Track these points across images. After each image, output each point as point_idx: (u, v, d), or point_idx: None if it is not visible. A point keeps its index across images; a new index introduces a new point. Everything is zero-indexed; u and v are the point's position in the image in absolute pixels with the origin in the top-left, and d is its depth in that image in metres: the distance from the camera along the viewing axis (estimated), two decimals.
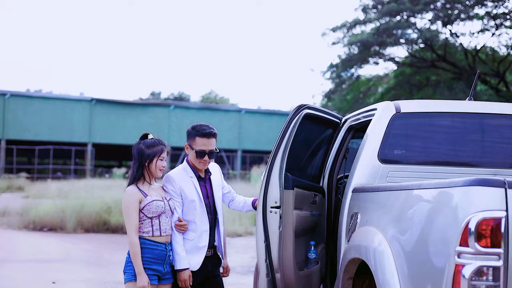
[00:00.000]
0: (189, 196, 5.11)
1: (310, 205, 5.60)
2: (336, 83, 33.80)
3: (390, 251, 3.92)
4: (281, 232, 5.14)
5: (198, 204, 5.13)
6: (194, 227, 5.10)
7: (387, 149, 4.92)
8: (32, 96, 46.70)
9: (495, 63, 29.55)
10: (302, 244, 5.47)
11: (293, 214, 5.20)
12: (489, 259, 3.18)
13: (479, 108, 5.12)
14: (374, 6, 29.72)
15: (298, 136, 5.38)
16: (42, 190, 28.36)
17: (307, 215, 5.50)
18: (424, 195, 3.71)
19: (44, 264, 11.60)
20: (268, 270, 5.17)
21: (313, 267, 5.54)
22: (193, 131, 5.16)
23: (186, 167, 5.24)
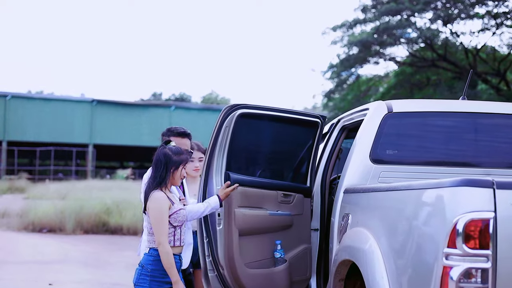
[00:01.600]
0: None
1: (278, 204, 5.62)
2: (337, 83, 33.76)
3: (380, 252, 3.88)
4: (221, 230, 5.26)
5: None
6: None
7: (379, 149, 4.87)
8: (33, 97, 46.73)
9: (495, 62, 29.47)
10: (264, 243, 5.52)
11: (235, 212, 5.29)
12: (477, 260, 3.13)
13: (472, 108, 5.07)
14: (373, 6, 29.65)
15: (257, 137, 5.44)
16: (43, 191, 28.32)
17: (265, 214, 5.51)
18: (413, 196, 3.67)
19: (42, 265, 11.56)
20: (212, 266, 5.30)
21: (279, 266, 5.55)
22: (168, 132, 5.21)
23: None
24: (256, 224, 5.49)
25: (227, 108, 5.43)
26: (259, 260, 5.53)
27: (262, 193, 5.53)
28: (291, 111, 5.80)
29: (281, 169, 5.91)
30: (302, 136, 5.89)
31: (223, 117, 5.37)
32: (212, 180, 5.35)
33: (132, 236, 16.82)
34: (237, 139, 5.45)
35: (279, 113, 5.70)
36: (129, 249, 14.22)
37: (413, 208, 3.61)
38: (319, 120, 5.87)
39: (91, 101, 45.84)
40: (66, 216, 17.46)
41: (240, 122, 5.42)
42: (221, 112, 5.39)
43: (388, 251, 3.80)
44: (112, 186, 27.67)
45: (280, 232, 5.67)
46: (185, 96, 78.63)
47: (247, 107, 5.51)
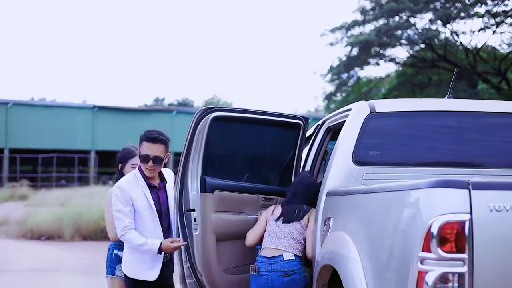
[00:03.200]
0: (138, 205, 5.03)
1: (259, 208, 5.54)
2: (337, 85, 33.67)
3: (359, 257, 3.77)
4: (198, 235, 5.21)
5: (149, 213, 5.06)
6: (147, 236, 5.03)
7: (362, 151, 4.74)
8: (34, 104, 46.72)
9: (496, 62, 29.33)
10: (241, 248, 5.44)
11: (212, 218, 5.25)
12: (453, 265, 3.02)
13: (457, 106, 4.94)
14: (372, 8, 29.57)
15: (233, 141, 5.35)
16: (44, 198, 28.26)
17: (244, 218, 5.45)
18: (389, 198, 3.56)
19: (38, 273, 11.50)
20: (190, 272, 5.24)
21: None
22: (142, 136, 5.13)
23: (137, 174, 5.16)
24: (235, 229, 5.41)
25: (200, 112, 5.36)
26: (239, 265, 5.44)
27: (241, 197, 5.46)
28: (270, 113, 5.70)
29: (262, 173, 5.79)
30: (284, 138, 5.77)
31: (196, 121, 5.31)
32: (188, 185, 5.26)
33: None
34: (213, 143, 5.38)
35: (256, 115, 5.60)
36: None
37: (390, 211, 3.50)
38: (301, 122, 5.75)
39: (93, 107, 45.78)
40: (65, 223, 17.39)
41: (215, 126, 5.34)
42: (194, 116, 5.34)
43: (367, 256, 3.69)
44: None
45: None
46: (188, 101, 78.61)
47: (221, 110, 5.46)
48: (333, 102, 35.26)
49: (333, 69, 32.48)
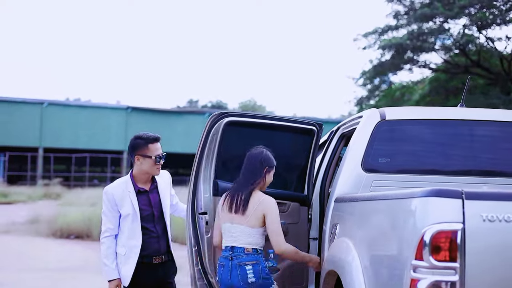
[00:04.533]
0: (123, 211, 5.11)
1: None
2: (369, 90, 33.55)
3: (360, 264, 3.80)
4: (209, 238, 5.26)
5: (132, 218, 5.12)
6: (124, 242, 5.11)
7: (371, 158, 4.76)
8: (69, 104, 47.33)
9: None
10: None
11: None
12: (445, 273, 3.03)
13: (468, 115, 4.92)
14: (406, 13, 29.41)
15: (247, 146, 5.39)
16: (76, 198, 28.60)
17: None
18: (387, 206, 3.58)
19: (59, 272, 11.66)
20: (201, 275, 5.31)
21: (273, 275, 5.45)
22: (142, 140, 5.16)
23: (128, 180, 5.23)
24: None
25: (214, 116, 5.41)
26: None
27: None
28: (283, 119, 5.73)
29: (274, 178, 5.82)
30: (297, 144, 5.80)
31: (210, 125, 5.36)
32: (200, 189, 5.33)
33: None
34: (226, 147, 5.42)
35: (269, 120, 5.64)
36: None
37: (388, 218, 3.53)
38: (315, 128, 5.78)
39: (126, 108, 46.24)
40: (94, 222, 17.55)
41: (228, 130, 5.39)
42: (208, 120, 5.38)
43: (367, 262, 3.72)
44: None
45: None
46: (222, 104, 78.97)
47: (234, 115, 5.50)
48: (366, 107, 35.11)
49: (365, 73, 32.35)
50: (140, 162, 5.17)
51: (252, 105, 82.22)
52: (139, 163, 5.17)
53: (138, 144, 5.16)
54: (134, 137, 5.23)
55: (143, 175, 5.21)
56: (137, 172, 5.22)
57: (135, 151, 5.17)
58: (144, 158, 5.15)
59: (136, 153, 5.16)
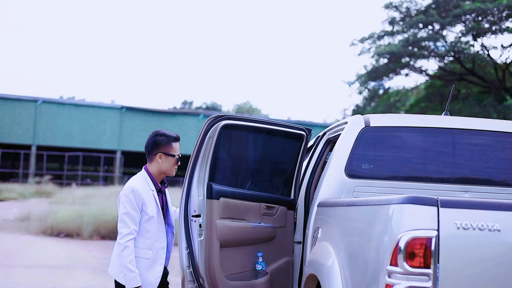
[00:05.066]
0: (149, 211, 4.89)
1: (261, 217, 5.59)
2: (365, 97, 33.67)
3: (339, 268, 3.84)
4: (203, 241, 5.23)
5: (157, 220, 4.95)
6: (150, 244, 4.91)
7: (355, 164, 4.81)
8: (63, 103, 47.24)
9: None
10: (245, 255, 5.49)
11: (216, 224, 5.28)
12: (419, 279, 3.08)
13: (451, 124, 4.98)
14: (402, 19, 29.53)
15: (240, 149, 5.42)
16: (68, 196, 28.57)
17: (247, 226, 5.49)
18: (366, 212, 3.63)
19: (49, 269, 11.67)
20: (192, 277, 5.24)
21: (261, 278, 5.52)
22: (166, 138, 5.03)
23: (147, 178, 5.04)
24: (237, 236, 5.46)
25: (211, 119, 5.39)
26: (240, 272, 5.50)
27: (244, 205, 5.51)
28: (275, 123, 5.77)
29: (264, 181, 5.88)
30: (287, 148, 5.86)
31: (207, 128, 5.34)
32: (195, 191, 5.29)
33: None
34: (220, 150, 5.43)
35: (263, 124, 5.67)
36: None
37: (366, 224, 3.58)
38: (304, 133, 5.84)
39: (120, 108, 46.22)
40: (85, 221, 17.60)
41: (224, 133, 5.40)
42: (205, 123, 5.35)
43: (345, 267, 3.77)
44: None
45: (262, 244, 5.64)
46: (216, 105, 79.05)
47: (231, 118, 5.49)
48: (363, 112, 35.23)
49: (360, 77, 32.46)
50: (161, 160, 5.02)
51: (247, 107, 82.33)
52: (160, 161, 5.02)
53: (161, 142, 5.03)
54: (156, 134, 5.08)
55: (160, 174, 5.06)
56: (155, 171, 5.05)
57: (157, 148, 5.02)
58: (166, 157, 5.02)
59: (159, 151, 5.01)
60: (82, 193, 28.90)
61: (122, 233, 4.77)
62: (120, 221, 4.82)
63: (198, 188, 5.31)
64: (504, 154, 4.91)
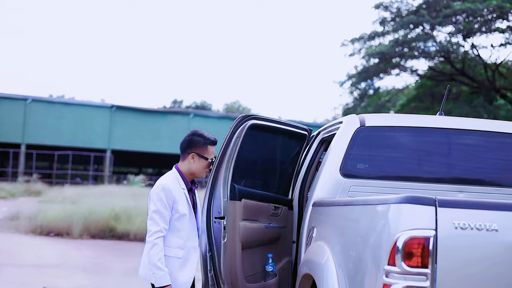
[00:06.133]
0: (181, 209, 4.79)
1: (269, 217, 5.52)
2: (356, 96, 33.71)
3: (335, 267, 3.84)
4: (226, 243, 5.08)
5: (189, 218, 4.85)
6: (182, 243, 4.79)
7: (350, 163, 4.81)
8: (53, 101, 47.04)
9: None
10: (256, 256, 5.39)
11: (239, 225, 5.17)
12: (417, 279, 3.08)
13: (446, 124, 4.99)
14: (392, 19, 29.58)
15: (255, 148, 5.35)
16: (58, 195, 28.44)
17: (261, 227, 5.42)
18: (363, 211, 3.63)
19: (40, 269, 11.60)
20: (213, 281, 5.11)
21: (270, 279, 5.45)
22: (203, 139, 4.94)
23: (178, 177, 4.93)
24: (255, 237, 5.37)
25: (239, 118, 5.32)
26: (253, 274, 5.42)
27: (258, 206, 5.43)
28: (289, 124, 5.79)
29: (271, 181, 5.85)
30: (292, 148, 5.89)
31: (235, 128, 5.27)
32: (219, 192, 5.18)
33: (139, 242, 16.85)
34: (244, 151, 5.34)
35: (279, 125, 5.68)
36: (133, 255, 14.23)
37: (363, 224, 3.57)
38: (307, 133, 5.86)
39: (111, 107, 46.08)
40: (74, 220, 17.51)
41: (248, 134, 5.33)
42: (234, 123, 5.28)
43: (341, 266, 3.76)
44: (127, 192, 27.69)
45: (269, 245, 5.59)
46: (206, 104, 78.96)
47: (257, 118, 5.44)
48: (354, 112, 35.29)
49: (350, 77, 32.50)
50: (193, 160, 4.93)
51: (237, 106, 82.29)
52: (192, 162, 4.93)
53: (197, 142, 4.93)
54: (193, 133, 4.98)
55: (191, 174, 4.96)
56: (186, 170, 4.95)
57: (192, 148, 4.92)
58: (199, 158, 4.92)
59: (193, 151, 4.92)
60: (72, 192, 28.76)
61: (151, 230, 4.67)
62: (150, 218, 4.72)
63: (223, 189, 5.19)
64: (498, 154, 4.93)
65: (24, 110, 43.56)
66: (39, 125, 43.79)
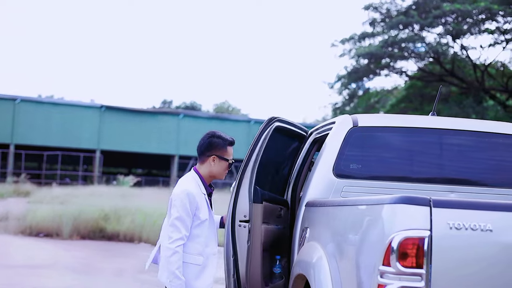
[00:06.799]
0: (202, 216, 4.69)
1: (276, 219, 5.49)
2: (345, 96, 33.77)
3: (328, 268, 3.83)
4: (249, 247, 5.02)
5: (209, 224, 4.76)
6: (201, 250, 4.69)
7: (343, 164, 4.80)
8: (42, 101, 46.81)
9: (504, 78, 29.36)
10: (268, 259, 5.34)
11: (262, 228, 5.11)
12: (412, 279, 3.07)
13: (438, 124, 4.99)
14: (382, 20, 29.65)
15: (267, 149, 5.30)
16: (47, 195, 28.31)
17: (274, 229, 5.38)
18: (357, 212, 3.62)
19: (29, 269, 11.55)
20: (235, 285, 5.05)
21: (278, 282, 5.39)
22: (222, 141, 4.85)
23: (199, 180, 4.83)
24: (270, 239, 5.32)
25: (267, 120, 5.29)
26: (265, 277, 5.33)
27: (271, 208, 5.37)
28: (297, 126, 5.80)
29: (275, 182, 5.83)
30: (294, 149, 5.90)
31: (263, 130, 5.23)
32: (245, 195, 5.10)
33: (128, 242, 16.84)
34: (266, 154, 5.30)
35: (295, 128, 5.69)
36: (122, 256, 14.22)
37: (357, 224, 3.57)
38: (306, 134, 5.90)
39: (100, 107, 45.93)
40: (64, 221, 17.46)
41: (272, 137, 5.30)
42: (263, 125, 5.24)
43: (335, 267, 3.75)
44: (117, 192, 27.63)
45: (275, 247, 5.55)
46: (196, 105, 78.88)
47: (282, 121, 5.42)
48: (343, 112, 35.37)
49: (340, 78, 32.55)
50: (214, 163, 4.83)
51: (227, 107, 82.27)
52: (212, 164, 4.83)
53: (217, 144, 4.84)
54: (212, 135, 4.88)
55: (210, 177, 4.87)
56: (206, 173, 4.85)
57: (212, 150, 4.83)
58: (220, 160, 4.83)
59: (213, 153, 4.82)
60: (61, 192, 28.64)
61: (173, 237, 4.55)
62: (172, 225, 4.59)
63: (248, 192, 5.10)
64: (490, 155, 4.93)
65: (13, 110, 43.32)
66: (28, 125, 43.56)
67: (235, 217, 5.05)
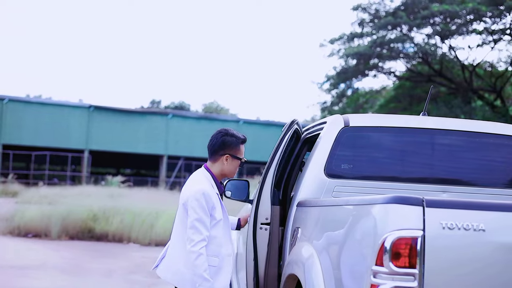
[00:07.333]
0: (217, 216, 4.61)
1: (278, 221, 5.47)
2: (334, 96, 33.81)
3: (320, 268, 3.82)
4: (269, 248, 5.00)
5: (223, 224, 4.68)
6: (217, 251, 4.60)
7: (334, 164, 4.80)
8: (30, 101, 46.56)
9: (492, 79, 29.49)
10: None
11: (279, 231, 5.12)
12: (404, 279, 3.07)
13: (430, 124, 5.00)
14: (371, 20, 29.71)
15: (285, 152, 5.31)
16: (35, 196, 28.16)
17: (280, 230, 5.34)
18: (349, 212, 3.62)
19: (17, 270, 11.48)
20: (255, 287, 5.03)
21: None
22: (236, 139, 4.78)
23: (211, 179, 4.75)
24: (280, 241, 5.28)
25: (289, 123, 5.28)
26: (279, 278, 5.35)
27: (280, 209, 5.32)
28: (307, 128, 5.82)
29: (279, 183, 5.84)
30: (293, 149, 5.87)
31: (285, 132, 5.21)
32: (266, 197, 5.08)
33: (117, 243, 16.79)
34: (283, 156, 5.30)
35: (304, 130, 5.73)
36: (111, 256, 14.18)
37: (350, 224, 3.56)
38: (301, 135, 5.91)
39: (88, 107, 45.74)
40: (52, 221, 17.39)
41: (291, 139, 5.32)
42: (284, 128, 5.24)
43: (327, 267, 3.75)
44: (105, 192, 27.54)
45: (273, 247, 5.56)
46: (184, 105, 78.73)
47: (298, 124, 5.45)
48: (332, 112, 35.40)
49: (329, 78, 32.59)
50: (227, 162, 4.76)
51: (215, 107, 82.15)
52: (225, 163, 4.76)
53: (230, 142, 4.76)
54: (225, 133, 4.79)
55: (222, 176, 4.81)
56: (218, 172, 4.78)
57: (225, 149, 4.74)
58: (233, 159, 4.77)
59: (226, 152, 4.74)
60: (49, 192, 28.49)
61: (195, 240, 4.44)
62: (191, 227, 4.47)
63: (271, 195, 5.09)
64: (481, 155, 4.95)
65: (1, 110, 43.05)
66: (16, 125, 43.32)
67: (257, 220, 5.03)
